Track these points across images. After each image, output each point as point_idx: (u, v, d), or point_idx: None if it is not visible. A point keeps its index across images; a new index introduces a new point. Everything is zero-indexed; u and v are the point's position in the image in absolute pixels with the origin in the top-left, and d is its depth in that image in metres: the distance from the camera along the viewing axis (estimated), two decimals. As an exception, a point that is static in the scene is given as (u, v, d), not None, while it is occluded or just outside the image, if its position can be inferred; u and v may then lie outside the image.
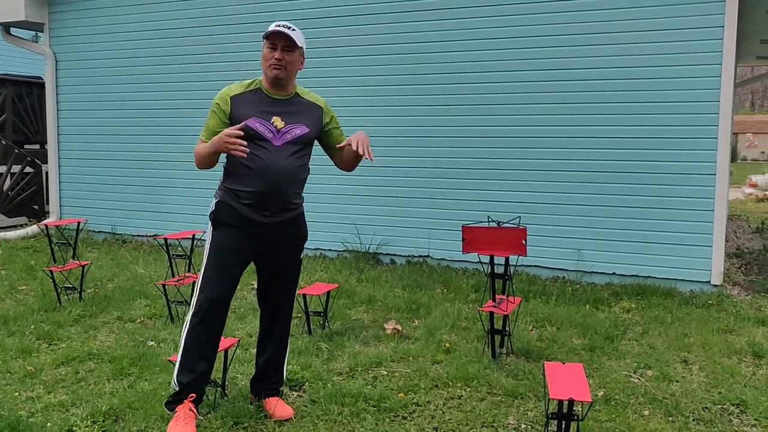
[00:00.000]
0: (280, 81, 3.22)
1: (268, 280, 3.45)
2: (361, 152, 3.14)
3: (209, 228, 3.34)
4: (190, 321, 3.27)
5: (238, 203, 3.23)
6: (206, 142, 3.18)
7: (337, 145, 3.38)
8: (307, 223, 3.49)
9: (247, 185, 3.21)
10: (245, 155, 3.04)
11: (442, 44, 6.83)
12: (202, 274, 3.29)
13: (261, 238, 3.29)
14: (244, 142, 3.01)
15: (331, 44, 7.28)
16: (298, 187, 3.34)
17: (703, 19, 5.86)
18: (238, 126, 3.07)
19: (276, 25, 3.18)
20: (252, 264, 3.44)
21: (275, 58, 3.17)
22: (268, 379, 3.55)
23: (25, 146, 10.55)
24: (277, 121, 3.22)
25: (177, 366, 3.30)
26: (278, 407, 3.45)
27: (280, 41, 3.18)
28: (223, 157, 3.25)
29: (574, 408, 2.81)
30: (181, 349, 3.29)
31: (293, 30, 3.19)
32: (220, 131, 3.11)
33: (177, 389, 3.27)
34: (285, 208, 3.29)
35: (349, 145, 3.21)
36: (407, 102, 7.03)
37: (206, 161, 3.20)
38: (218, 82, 4.17)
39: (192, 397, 3.25)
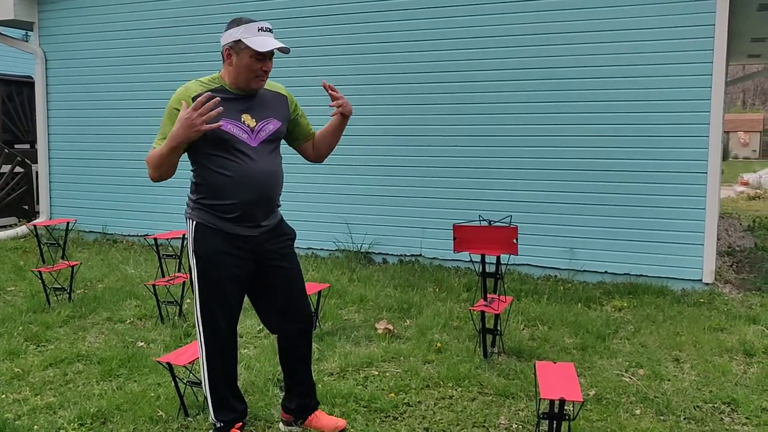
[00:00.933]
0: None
1: (271, 297, 3.11)
2: (337, 104, 3.05)
3: (192, 258, 2.98)
4: (207, 363, 3.04)
5: (221, 220, 2.92)
6: None
7: (332, 114, 3.11)
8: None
9: (229, 197, 2.89)
10: (221, 125, 2.76)
11: (430, 42, 6.80)
12: (199, 314, 2.99)
13: (251, 254, 2.99)
14: (215, 111, 2.67)
15: (313, 43, 7.26)
16: (281, 188, 3.09)
17: (694, 18, 5.86)
18: (202, 106, 2.66)
19: (259, 29, 2.85)
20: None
21: (263, 71, 2.90)
22: (304, 392, 3.27)
23: (15, 146, 10.49)
24: (248, 119, 2.92)
25: (210, 404, 3.09)
26: (326, 419, 3.28)
27: (269, 51, 2.89)
28: (188, 169, 2.97)
29: (566, 408, 2.80)
30: (207, 387, 3.07)
31: (271, 31, 2.93)
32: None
33: (220, 426, 3.09)
34: (270, 213, 3.03)
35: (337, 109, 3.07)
36: (398, 101, 7.00)
37: (164, 165, 2.79)
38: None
39: (239, 425, 3.15)
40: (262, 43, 2.84)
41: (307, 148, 3.27)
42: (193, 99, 2.82)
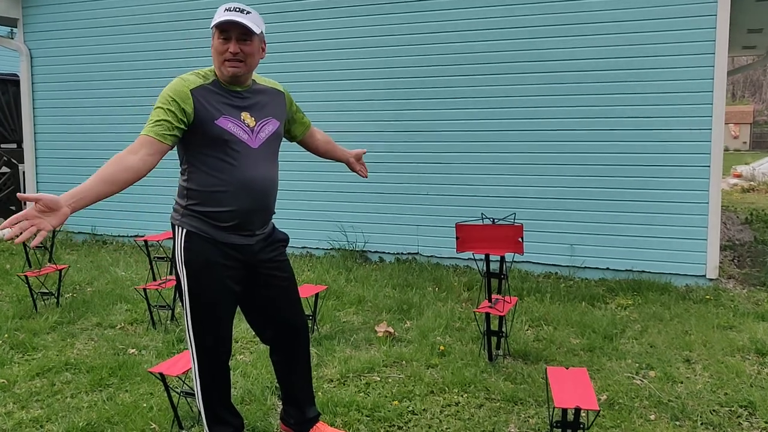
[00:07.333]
0: (238, 78, 2.65)
1: (263, 308, 2.90)
2: (363, 174, 3.39)
3: (182, 269, 2.70)
4: (199, 377, 2.81)
5: (215, 228, 2.67)
6: (155, 139, 2.49)
7: (354, 155, 3.40)
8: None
9: (224, 204, 2.64)
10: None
11: (430, 39, 6.65)
12: (191, 327, 2.75)
13: (245, 264, 2.77)
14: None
15: (305, 38, 7.09)
16: (277, 193, 2.88)
17: (696, 8, 5.74)
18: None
19: (226, 9, 2.56)
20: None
21: (230, 53, 2.57)
22: (302, 404, 3.06)
23: (2, 146, 10.27)
24: (248, 118, 2.66)
25: (204, 418, 2.89)
26: None
27: (233, 30, 2.57)
28: (176, 168, 2.74)
29: (581, 416, 2.66)
30: (200, 401, 2.86)
31: (248, 13, 2.57)
32: (179, 132, 2.55)
33: None
34: (267, 221, 2.83)
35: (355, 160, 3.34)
36: (394, 96, 6.85)
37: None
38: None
39: None
40: (221, 18, 2.56)
41: (313, 145, 3.24)
42: (193, 93, 2.57)
